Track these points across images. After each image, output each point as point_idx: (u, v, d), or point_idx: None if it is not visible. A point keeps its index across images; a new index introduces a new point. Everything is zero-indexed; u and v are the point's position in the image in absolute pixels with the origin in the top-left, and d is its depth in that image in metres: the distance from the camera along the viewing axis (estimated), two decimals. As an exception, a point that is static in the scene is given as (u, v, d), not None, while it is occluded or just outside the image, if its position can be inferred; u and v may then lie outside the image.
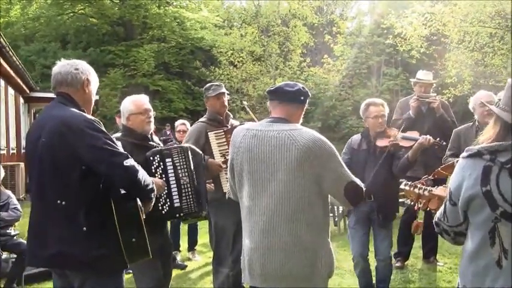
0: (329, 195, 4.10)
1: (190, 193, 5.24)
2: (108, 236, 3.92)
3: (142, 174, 4.03)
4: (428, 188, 3.81)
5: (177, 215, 5.26)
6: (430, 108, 8.62)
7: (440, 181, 4.78)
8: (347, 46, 38.87)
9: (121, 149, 3.99)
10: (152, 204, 4.39)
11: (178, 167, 5.25)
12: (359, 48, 40.16)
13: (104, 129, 4.02)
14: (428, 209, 3.86)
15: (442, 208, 3.11)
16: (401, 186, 4.04)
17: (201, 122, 6.97)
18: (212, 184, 6.55)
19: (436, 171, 5.29)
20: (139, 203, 4.14)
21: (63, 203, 3.86)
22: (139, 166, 4.05)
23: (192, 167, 5.33)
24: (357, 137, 6.90)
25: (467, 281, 2.95)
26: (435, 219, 3.20)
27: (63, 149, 3.86)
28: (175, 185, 5.21)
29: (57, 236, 3.89)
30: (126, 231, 4.00)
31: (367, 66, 40.25)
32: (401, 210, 9.12)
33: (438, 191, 3.75)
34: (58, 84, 4.22)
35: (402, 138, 6.78)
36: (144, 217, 4.16)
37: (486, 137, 2.94)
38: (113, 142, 3.96)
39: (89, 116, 4.07)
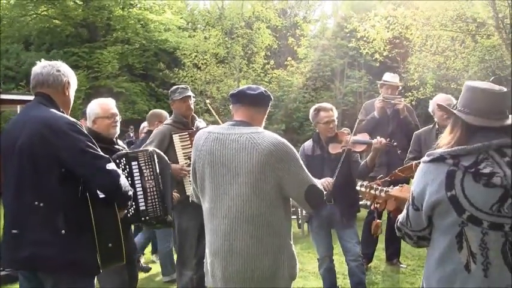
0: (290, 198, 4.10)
1: (155, 197, 5.21)
2: (85, 240, 3.91)
3: (123, 180, 4.03)
4: (384, 188, 3.81)
5: (143, 219, 5.22)
6: (394, 110, 8.67)
7: (398, 181, 4.79)
8: (310, 49, 39.03)
9: (102, 153, 3.97)
10: (125, 211, 4.37)
11: (144, 171, 5.23)
12: (322, 51, 40.36)
13: (85, 131, 4.01)
14: (385, 209, 3.86)
15: (404, 213, 3.11)
16: (358, 187, 4.05)
17: (166, 124, 6.93)
18: (176, 193, 6.51)
19: (394, 173, 5.32)
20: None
21: (41, 204, 3.82)
22: (121, 171, 4.02)
23: (158, 171, 5.30)
24: (308, 143, 6.89)
25: (432, 285, 2.95)
26: (397, 223, 3.20)
27: (43, 150, 3.83)
28: (140, 189, 5.18)
29: (33, 238, 3.85)
30: (103, 236, 4.00)
31: (330, 69, 40.45)
32: (365, 212, 9.18)
33: (394, 191, 3.75)
34: (39, 84, 4.18)
35: (354, 143, 6.80)
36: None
37: (446, 141, 2.94)
38: (95, 145, 3.95)
39: (71, 118, 4.04)
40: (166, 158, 5.66)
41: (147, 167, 5.23)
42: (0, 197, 4.18)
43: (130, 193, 4.17)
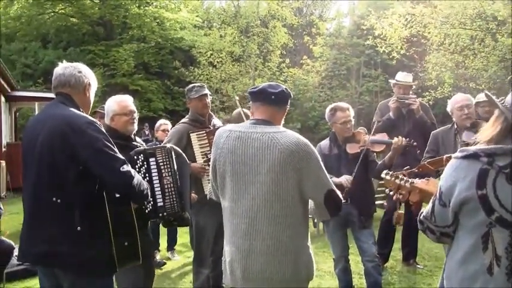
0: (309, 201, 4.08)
1: (173, 193, 5.19)
2: (101, 238, 3.92)
3: (138, 180, 4.03)
4: (410, 179, 3.77)
5: (160, 214, 5.20)
6: (409, 109, 8.62)
7: (424, 175, 4.75)
8: (326, 47, 38.95)
9: (119, 154, 3.98)
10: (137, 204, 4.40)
11: (162, 167, 5.20)
12: (338, 50, 40.23)
13: (104, 131, 4.03)
14: (409, 201, 3.82)
15: (429, 207, 3.05)
16: (382, 175, 4.00)
17: (183, 123, 6.93)
18: (194, 193, 6.49)
19: (422, 164, 5.29)
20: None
21: (59, 200, 3.85)
22: (135, 172, 4.03)
23: (176, 168, 5.29)
24: (325, 142, 6.88)
25: (454, 285, 2.90)
26: (420, 217, 3.14)
27: (62, 148, 3.85)
28: (158, 185, 5.15)
29: (49, 233, 3.88)
30: (120, 234, 4.01)
31: (346, 68, 40.26)
32: (381, 212, 9.15)
33: (420, 183, 3.70)
34: (60, 84, 4.22)
35: (372, 143, 6.77)
36: None
37: (485, 135, 2.87)
38: (113, 145, 3.96)
39: (90, 117, 4.07)
40: (184, 155, 5.66)
41: (165, 163, 5.21)
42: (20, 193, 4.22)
43: (146, 192, 4.17)
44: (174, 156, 5.31)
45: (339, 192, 4.09)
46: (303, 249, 3.98)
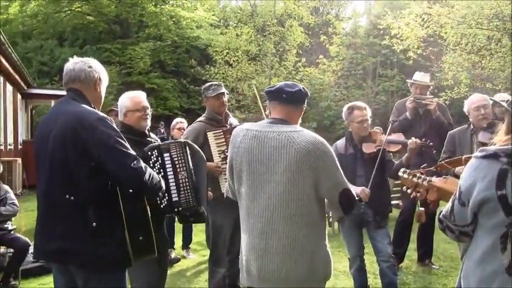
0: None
1: (188, 188, 5.18)
2: (115, 235, 3.93)
3: (150, 174, 4.03)
4: (427, 178, 3.76)
5: (176, 209, 5.20)
6: (426, 110, 8.59)
7: (441, 174, 4.74)
8: (342, 47, 38.88)
9: (131, 150, 3.99)
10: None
11: (176, 162, 5.19)
12: (354, 49, 40.15)
13: (116, 127, 4.04)
14: (426, 199, 3.81)
15: (448, 206, 3.04)
16: (400, 173, 4.00)
17: (200, 121, 6.94)
18: (210, 191, 6.50)
19: (440, 164, 5.28)
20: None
21: (72, 197, 3.86)
22: (148, 167, 4.05)
23: (191, 163, 5.29)
24: (341, 142, 6.85)
25: (471, 284, 2.88)
26: (439, 215, 3.12)
27: (74, 145, 3.86)
28: (173, 180, 5.14)
29: (63, 230, 3.89)
30: (134, 229, 4.02)
31: (362, 67, 40.18)
32: (397, 212, 9.13)
33: (438, 182, 3.69)
34: (71, 80, 4.24)
35: (389, 143, 6.76)
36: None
37: (500, 139, 2.86)
38: (124, 141, 3.97)
39: (102, 114, 4.07)
40: (199, 149, 5.66)
41: (179, 158, 5.20)
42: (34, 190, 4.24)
43: (159, 185, 4.17)
44: (188, 151, 5.32)
45: (353, 191, 4.10)
46: (319, 248, 3.99)
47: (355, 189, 6.23)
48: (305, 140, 3.81)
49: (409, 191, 3.92)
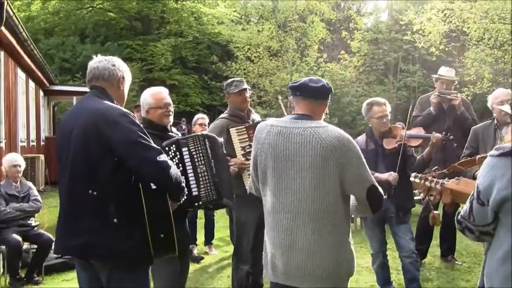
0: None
1: (208, 181, 5.19)
2: (137, 230, 3.94)
3: (175, 172, 4.03)
4: (440, 180, 3.74)
5: (196, 204, 5.22)
6: (451, 105, 8.55)
7: (454, 175, 4.70)
8: (364, 42, 38.64)
9: (154, 144, 3.99)
10: (177, 204, 4.40)
11: (195, 156, 5.20)
12: (376, 45, 39.97)
13: (138, 122, 4.05)
14: (440, 202, 3.80)
15: (467, 206, 3.02)
16: (411, 178, 3.99)
17: (223, 118, 6.93)
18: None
19: (453, 166, 5.24)
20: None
21: (95, 193, 3.87)
22: (172, 163, 4.05)
23: (210, 155, 5.30)
24: (362, 138, 6.88)
25: (495, 283, 2.87)
26: (458, 216, 3.11)
27: (96, 140, 3.87)
28: (192, 174, 5.16)
29: (86, 226, 3.90)
30: (155, 226, 4.01)
31: (384, 63, 39.95)
32: (420, 207, 9.10)
33: (450, 184, 3.68)
34: (94, 78, 4.27)
35: (409, 138, 6.75)
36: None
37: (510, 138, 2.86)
38: (147, 136, 3.97)
39: (124, 109, 4.09)
40: (220, 141, 5.68)
41: (198, 151, 5.21)
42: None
43: (183, 185, 4.18)
44: (208, 144, 5.32)
45: (380, 188, 4.09)
46: (343, 245, 4.00)
47: (382, 175, 6.28)
48: (331, 136, 3.82)
49: (421, 195, 3.91)
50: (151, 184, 4.02)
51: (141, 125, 4.08)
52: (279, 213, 3.96)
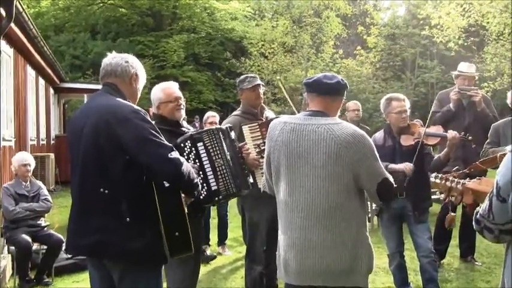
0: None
1: (226, 175, 5.24)
2: (150, 228, 3.95)
3: (188, 168, 4.02)
4: (461, 181, 3.71)
5: (216, 198, 5.26)
6: (471, 102, 8.49)
7: (474, 175, 4.66)
8: (381, 37, 38.55)
9: (166, 141, 3.99)
10: (192, 199, 4.40)
11: (211, 150, 5.24)
12: (393, 40, 39.87)
13: (150, 119, 4.04)
14: (461, 203, 3.77)
15: (485, 205, 2.98)
16: (432, 179, 3.96)
17: (235, 115, 6.92)
18: None
19: (474, 164, 5.20)
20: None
21: (106, 191, 3.88)
22: (185, 160, 4.05)
23: (226, 148, 5.33)
24: (379, 134, 6.88)
25: None
26: (475, 216, 3.08)
27: (108, 137, 3.88)
28: (210, 169, 5.20)
29: (98, 224, 3.91)
30: (169, 224, 4.02)
31: (401, 59, 39.88)
32: (438, 207, 9.06)
33: (472, 184, 3.64)
34: (107, 74, 4.28)
35: (427, 135, 6.72)
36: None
37: None
38: (159, 133, 3.96)
39: (136, 106, 4.09)
40: (231, 131, 5.70)
41: (213, 145, 5.25)
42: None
43: (196, 181, 4.15)
44: (222, 137, 5.36)
45: (391, 180, 4.12)
46: (361, 241, 4.01)
47: (397, 166, 6.28)
48: (345, 133, 3.82)
49: (442, 196, 3.89)
50: (164, 182, 4.02)
51: (153, 122, 4.08)
52: (292, 211, 3.96)
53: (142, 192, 3.95)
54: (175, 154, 3.95)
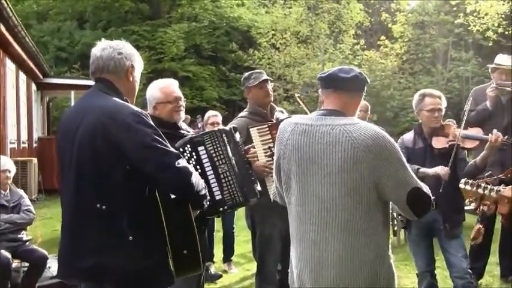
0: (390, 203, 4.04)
1: (231, 182, 5.23)
2: (156, 247, 3.92)
3: (197, 178, 4.00)
4: (495, 188, 3.69)
5: (221, 209, 5.25)
6: (510, 99, 8.45)
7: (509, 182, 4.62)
8: (408, 26, 38.51)
9: (171, 148, 3.96)
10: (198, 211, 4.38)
11: (214, 155, 5.23)
12: (422, 29, 39.81)
13: (152, 123, 3.99)
14: (497, 213, 3.76)
15: None
16: (461, 185, 3.93)
17: (242, 117, 6.90)
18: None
19: (510, 169, 5.17)
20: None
21: (104, 207, 3.82)
22: (193, 168, 4.03)
23: (230, 152, 5.33)
24: (409, 135, 6.80)
25: None
26: None
27: (105, 145, 3.83)
28: (213, 176, 5.19)
29: (96, 245, 3.85)
30: (177, 241, 3.99)
31: (431, 50, 39.83)
32: (473, 218, 9.02)
33: (508, 191, 3.63)
34: (98, 70, 4.20)
35: (464, 138, 6.67)
36: None
37: None
38: (163, 139, 3.92)
39: (136, 108, 4.03)
40: (236, 133, 5.68)
41: (216, 149, 5.24)
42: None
43: (204, 192, 4.12)
44: (226, 140, 5.35)
45: (427, 190, 4.01)
46: (382, 260, 3.94)
47: (430, 170, 6.24)
48: (363, 134, 3.75)
49: (473, 204, 3.87)
50: (170, 194, 4.00)
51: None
52: (304, 224, 3.92)
53: (146, 206, 3.91)
54: (182, 162, 3.92)
